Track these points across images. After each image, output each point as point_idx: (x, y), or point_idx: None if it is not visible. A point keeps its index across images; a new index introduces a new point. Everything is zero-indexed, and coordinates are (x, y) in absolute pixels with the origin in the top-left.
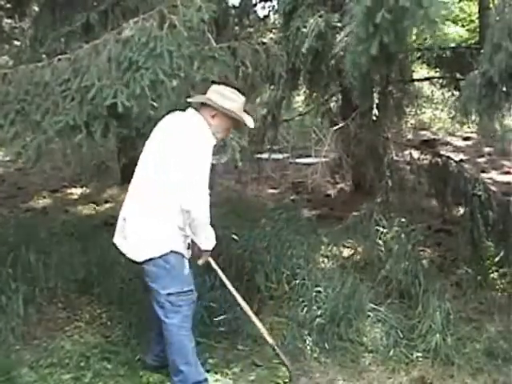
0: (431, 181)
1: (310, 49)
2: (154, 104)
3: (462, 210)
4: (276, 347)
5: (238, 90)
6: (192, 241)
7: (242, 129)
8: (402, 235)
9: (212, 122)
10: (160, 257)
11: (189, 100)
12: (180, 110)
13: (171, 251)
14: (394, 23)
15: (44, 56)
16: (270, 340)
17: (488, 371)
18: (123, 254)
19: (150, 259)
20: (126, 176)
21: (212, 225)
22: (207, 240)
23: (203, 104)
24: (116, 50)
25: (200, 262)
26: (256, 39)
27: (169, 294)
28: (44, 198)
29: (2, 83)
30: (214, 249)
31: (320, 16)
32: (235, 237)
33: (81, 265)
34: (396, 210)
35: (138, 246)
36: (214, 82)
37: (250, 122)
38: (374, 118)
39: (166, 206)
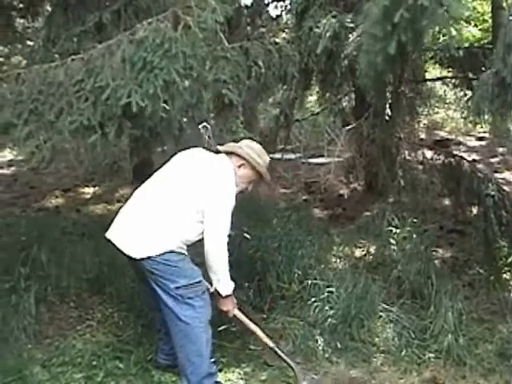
0: (444, 181)
1: (324, 49)
2: (166, 106)
3: (475, 211)
4: (277, 349)
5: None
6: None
7: (254, 129)
8: (415, 235)
9: (238, 171)
10: (160, 255)
11: (219, 148)
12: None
13: (171, 251)
14: (412, 22)
15: (57, 56)
16: (270, 343)
17: (500, 372)
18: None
19: (149, 257)
20: (137, 176)
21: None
22: (220, 283)
23: (230, 153)
24: (130, 50)
25: (224, 308)
26: (268, 39)
27: (177, 288)
28: (56, 197)
29: (15, 83)
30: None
31: (333, 16)
32: (247, 236)
33: (93, 264)
34: (408, 210)
35: (139, 243)
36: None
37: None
38: (387, 117)
39: (180, 223)
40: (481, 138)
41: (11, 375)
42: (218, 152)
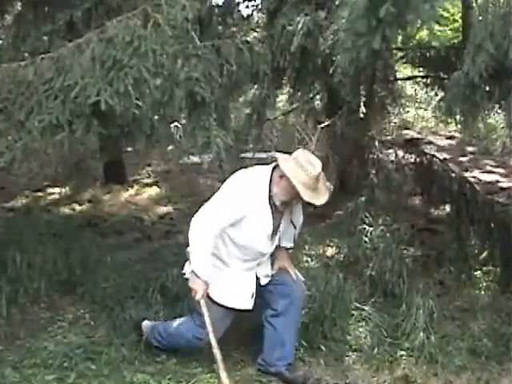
0: (416, 179)
1: (298, 47)
2: (138, 103)
3: (447, 209)
4: (218, 356)
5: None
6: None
7: (226, 127)
8: (388, 234)
9: (278, 182)
10: None
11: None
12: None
13: None
14: (397, 17)
15: (27, 55)
16: (215, 349)
17: (471, 369)
18: None
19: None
20: (108, 175)
21: None
22: (191, 259)
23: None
24: (100, 48)
25: (190, 285)
26: (240, 38)
27: None
28: (26, 197)
29: None
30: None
31: (306, 14)
32: None
33: (64, 265)
34: (381, 209)
35: None
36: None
37: (312, 198)
38: (361, 115)
39: None
40: (450, 137)
41: None
42: None
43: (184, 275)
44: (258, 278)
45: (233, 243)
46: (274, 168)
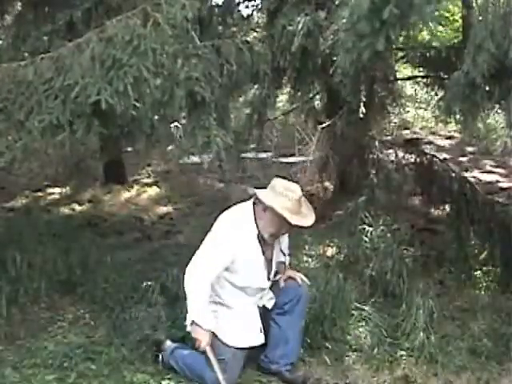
0: (416, 179)
1: (298, 47)
2: (137, 104)
3: (447, 209)
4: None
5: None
6: None
7: (226, 127)
8: (388, 234)
9: (262, 215)
10: None
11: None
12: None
13: None
14: (400, 18)
15: (26, 55)
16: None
17: (471, 369)
18: None
19: None
20: (108, 175)
21: None
22: (188, 308)
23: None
24: (99, 48)
25: (193, 335)
26: (240, 38)
27: None
28: (26, 197)
29: None
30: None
31: (306, 14)
32: None
33: (64, 265)
34: (381, 209)
35: None
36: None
37: (300, 221)
38: (361, 115)
39: None
40: (450, 137)
41: None
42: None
43: (186, 327)
44: (263, 306)
45: (232, 286)
46: (255, 203)
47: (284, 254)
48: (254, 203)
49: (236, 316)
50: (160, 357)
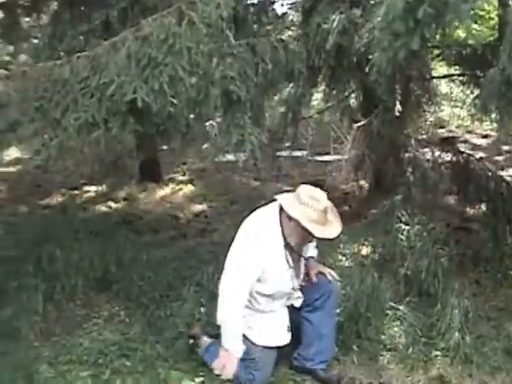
0: (452, 178)
1: (333, 45)
2: (173, 101)
3: (483, 208)
4: None
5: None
6: None
7: (261, 126)
8: (423, 233)
9: (288, 224)
10: None
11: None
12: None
13: None
14: (436, 18)
15: (63, 54)
16: None
17: (506, 370)
18: None
19: None
20: (144, 173)
21: None
22: (223, 335)
23: None
24: (135, 46)
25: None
26: (275, 36)
27: None
28: (63, 195)
29: (21, 81)
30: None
31: (341, 12)
32: None
33: (100, 262)
34: (417, 207)
35: None
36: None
37: (325, 232)
38: (397, 114)
39: None
40: (486, 136)
41: (18, 372)
42: None
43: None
44: (291, 305)
45: (261, 295)
46: (282, 209)
47: (316, 247)
48: (280, 210)
49: (263, 316)
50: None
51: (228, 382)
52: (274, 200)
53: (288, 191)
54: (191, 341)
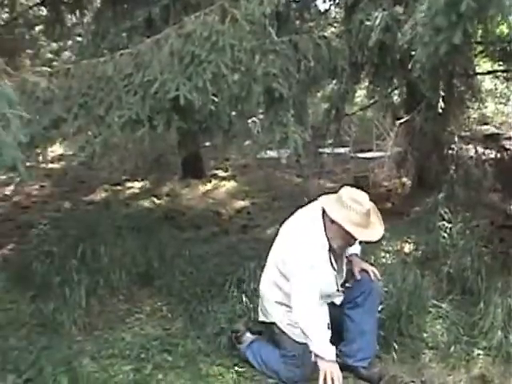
0: (496, 175)
1: (376, 42)
2: (215, 99)
3: None
4: None
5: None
6: None
7: (304, 123)
8: (467, 231)
9: (331, 227)
10: None
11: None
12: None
13: None
14: (478, 12)
15: (106, 51)
16: None
17: None
18: None
19: None
20: (186, 170)
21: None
22: (311, 342)
23: None
24: (178, 44)
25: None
26: (317, 33)
27: None
28: (106, 191)
29: (65, 78)
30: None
31: (384, 9)
32: None
33: (142, 258)
34: (460, 205)
35: None
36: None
37: (367, 235)
38: (440, 110)
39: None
40: None
41: (61, 366)
42: None
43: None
44: (332, 303)
45: None
46: (324, 212)
47: (360, 243)
48: (323, 213)
49: None
50: (238, 347)
51: (268, 378)
52: (316, 199)
53: (330, 192)
54: (234, 335)
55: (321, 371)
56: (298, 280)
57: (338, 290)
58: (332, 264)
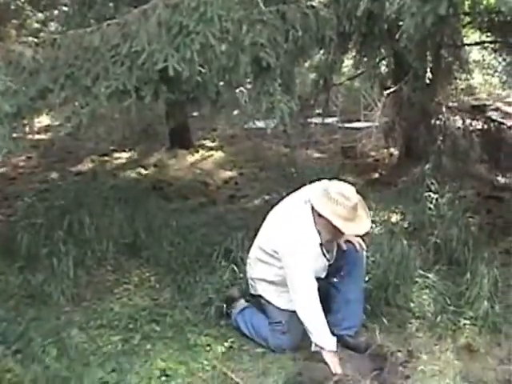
0: (483, 146)
1: (364, 11)
2: (203, 69)
3: None
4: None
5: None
6: None
7: (292, 93)
8: (454, 201)
9: (318, 220)
10: None
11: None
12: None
13: None
14: None
15: (92, 21)
16: None
17: None
18: None
19: None
20: (174, 140)
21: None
22: (312, 335)
23: None
24: (165, 14)
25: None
26: (305, 2)
27: None
28: (93, 162)
29: (51, 48)
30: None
31: None
32: None
33: (130, 228)
34: (447, 176)
35: None
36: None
37: (354, 229)
38: (428, 81)
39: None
40: None
41: (50, 337)
42: None
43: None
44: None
45: None
46: (312, 207)
47: None
48: (312, 205)
49: None
50: (230, 312)
51: (256, 348)
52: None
53: (317, 180)
54: (227, 300)
55: (330, 364)
56: (296, 277)
57: (326, 271)
58: (325, 256)
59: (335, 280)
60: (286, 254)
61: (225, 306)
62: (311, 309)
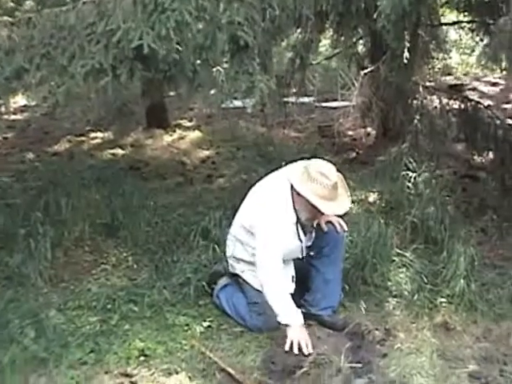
0: (460, 126)
1: None
2: (179, 47)
3: (491, 156)
4: None
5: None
6: None
7: (269, 72)
8: (432, 181)
9: (298, 200)
10: None
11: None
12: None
13: None
14: None
15: (68, 0)
16: None
17: (511, 317)
18: None
19: None
20: (151, 119)
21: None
22: (279, 311)
23: None
24: None
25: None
26: None
27: None
28: (70, 142)
29: (26, 28)
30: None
31: None
32: None
33: (107, 208)
34: (424, 155)
35: None
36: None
37: (334, 208)
38: (405, 61)
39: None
40: (494, 84)
41: (28, 318)
42: None
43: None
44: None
45: None
46: (292, 186)
47: None
48: (291, 186)
49: None
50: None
51: (235, 327)
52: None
53: (298, 160)
54: (211, 274)
55: (288, 339)
56: (264, 252)
57: (303, 254)
58: (299, 237)
59: (313, 259)
60: (261, 229)
61: (208, 281)
62: (274, 285)
